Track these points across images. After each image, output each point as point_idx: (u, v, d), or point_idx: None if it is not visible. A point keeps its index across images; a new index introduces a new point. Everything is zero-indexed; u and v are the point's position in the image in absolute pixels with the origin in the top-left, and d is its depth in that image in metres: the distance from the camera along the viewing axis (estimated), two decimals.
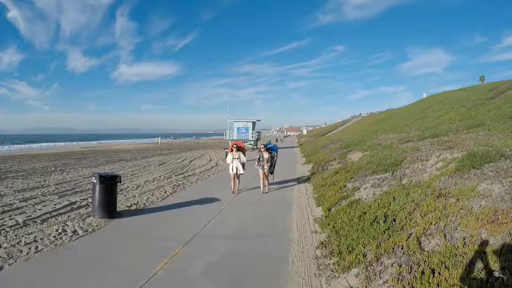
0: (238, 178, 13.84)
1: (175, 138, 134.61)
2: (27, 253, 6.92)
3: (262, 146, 14.25)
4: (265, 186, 14.09)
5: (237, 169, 13.56)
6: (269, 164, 13.91)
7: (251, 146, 46.57)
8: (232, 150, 13.90)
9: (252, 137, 45.61)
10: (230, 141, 46.11)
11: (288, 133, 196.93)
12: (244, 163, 13.83)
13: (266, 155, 13.90)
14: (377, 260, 5.36)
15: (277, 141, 78.37)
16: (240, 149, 14.09)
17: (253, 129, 45.65)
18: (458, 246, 4.79)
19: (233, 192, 13.55)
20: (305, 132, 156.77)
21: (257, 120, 47.23)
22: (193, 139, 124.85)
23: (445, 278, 4.10)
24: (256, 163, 14.02)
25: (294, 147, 54.85)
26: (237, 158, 13.63)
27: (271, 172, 14.63)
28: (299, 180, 16.82)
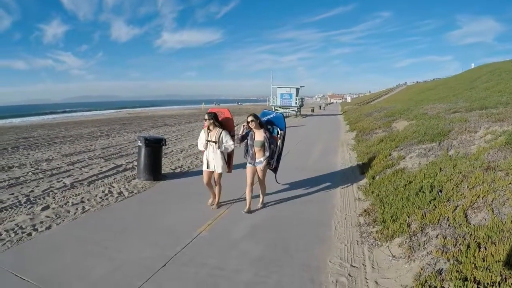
0: (215, 180, 7.48)
1: (218, 104, 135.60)
2: (74, 213, 7.25)
3: (251, 117, 7.29)
4: (259, 196, 7.73)
5: (214, 162, 7.33)
6: (266, 155, 7.26)
7: (294, 112, 46.33)
8: (208, 127, 7.35)
9: (296, 103, 45.36)
10: (272, 107, 46.09)
11: (332, 101, 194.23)
12: (230, 151, 7.52)
13: (259, 135, 7.28)
14: (421, 230, 5.31)
15: (320, 108, 77.33)
16: (222, 123, 7.47)
17: (297, 95, 45.33)
18: (505, 222, 4.68)
19: (211, 204, 7.60)
20: (349, 99, 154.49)
21: (300, 87, 46.85)
22: (236, 105, 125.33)
23: (491, 253, 4.04)
24: (244, 151, 7.65)
25: (338, 114, 54.25)
26: (215, 142, 7.22)
27: (273, 169, 7.92)
28: (343, 148, 16.67)
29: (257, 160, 7.36)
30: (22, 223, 6.64)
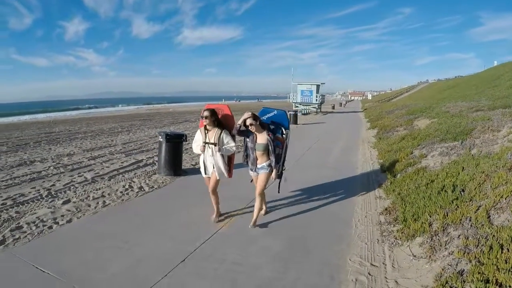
0: (214, 186, 6.47)
1: (239, 101, 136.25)
2: (95, 207, 7.37)
3: (250, 119, 5.99)
4: (262, 209, 6.71)
5: (213, 168, 6.28)
6: (270, 160, 6.16)
7: (314, 109, 46.19)
8: (205, 126, 6.23)
9: (316, 100, 45.24)
10: (292, 103, 45.98)
11: (352, 98, 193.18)
12: (231, 153, 6.40)
13: (261, 137, 6.14)
14: (443, 230, 5.24)
15: (340, 105, 76.73)
16: (220, 122, 6.30)
17: (317, 92, 45.19)
18: None
19: (215, 218, 6.58)
20: (370, 97, 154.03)
21: (321, 83, 46.71)
22: (256, 102, 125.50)
23: None
24: (243, 156, 6.58)
25: (358, 111, 53.87)
26: (214, 144, 6.12)
27: (278, 175, 6.52)
28: (363, 145, 16.55)
29: (259, 166, 6.29)
30: (43, 216, 6.78)
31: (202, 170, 6.47)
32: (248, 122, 6.00)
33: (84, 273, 4.60)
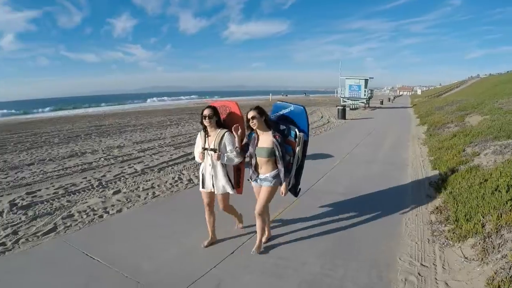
0: (221, 205, 5.47)
1: (286, 95, 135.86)
2: (145, 198, 7.65)
3: (253, 112, 4.76)
4: (264, 233, 5.50)
5: (213, 180, 5.10)
6: (278, 169, 4.92)
7: (362, 104, 45.59)
8: (204, 127, 5.05)
9: (365, 95, 44.56)
10: (340, 98, 45.54)
11: (401, 93, 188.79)
12: (237, 163, 5.14)
13: (265, 139, 4.85)
14: (496, 232, 5.10)
15: (389, 101, 75.17)
16: (222, 122, 5.11)
17: (366, 87, 44.46)
18: None
19: (205, 245, 5.34)
20: (419, 92, 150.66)
21: (369, 78, 45.94)
22: (303, 96, 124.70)
23: None
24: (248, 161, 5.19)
25: (407, 107, 52.72)
26: (214, 150, 4.90)
27: (293, 191, 5.68)
28: (413, 142, 16.20)
29: (261, 176, 5.04)
30: (94, 205, 7.14)
31: (200, 182, 5.29)
32: (250, 115, 4.81)
33: (133, 262, 4.79)
